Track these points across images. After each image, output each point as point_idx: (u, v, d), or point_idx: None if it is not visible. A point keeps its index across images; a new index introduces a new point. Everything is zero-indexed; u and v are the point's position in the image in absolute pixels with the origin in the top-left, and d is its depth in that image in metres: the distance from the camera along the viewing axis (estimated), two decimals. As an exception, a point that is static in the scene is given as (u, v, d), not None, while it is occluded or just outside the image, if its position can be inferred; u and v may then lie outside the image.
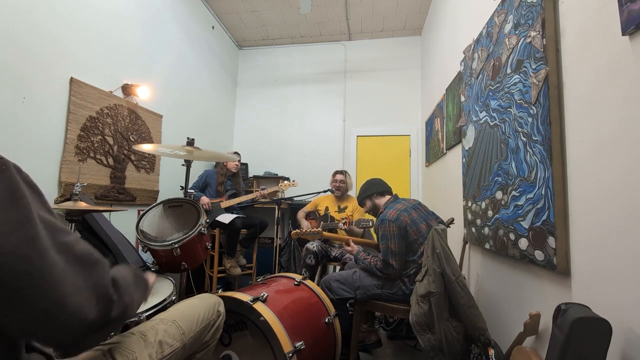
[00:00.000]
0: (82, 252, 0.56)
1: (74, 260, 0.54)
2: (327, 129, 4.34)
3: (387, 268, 1.70)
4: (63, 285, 0.51)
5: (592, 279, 1.00)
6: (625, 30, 0.87)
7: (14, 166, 0.51)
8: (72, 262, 0.54)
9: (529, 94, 1.30)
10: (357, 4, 3.69)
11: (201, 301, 1.04)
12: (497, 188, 1.59)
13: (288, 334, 1.30)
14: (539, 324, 1.22)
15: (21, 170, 0.52)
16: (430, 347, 1.44)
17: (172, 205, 1.81)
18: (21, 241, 0.48)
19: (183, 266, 1.64)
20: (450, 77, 2.62)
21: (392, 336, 2.39)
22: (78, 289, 0.53)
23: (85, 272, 0.55)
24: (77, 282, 0.53)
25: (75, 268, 0.54)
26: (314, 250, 2.50)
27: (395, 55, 4.28)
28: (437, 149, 3.08)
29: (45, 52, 1.94)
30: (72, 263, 0.54)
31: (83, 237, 2.04)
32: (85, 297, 0.53)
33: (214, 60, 4.03)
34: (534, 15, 1.29)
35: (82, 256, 0.56)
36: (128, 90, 2.56)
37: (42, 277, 0.49)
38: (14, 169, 0.51)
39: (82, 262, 0.55)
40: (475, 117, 1.92)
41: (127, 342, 0.75)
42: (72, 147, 2.10)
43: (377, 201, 1.99)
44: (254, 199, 3.02)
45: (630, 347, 0.86)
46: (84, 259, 0.56)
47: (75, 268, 0.54)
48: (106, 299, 0.57)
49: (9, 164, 0.50)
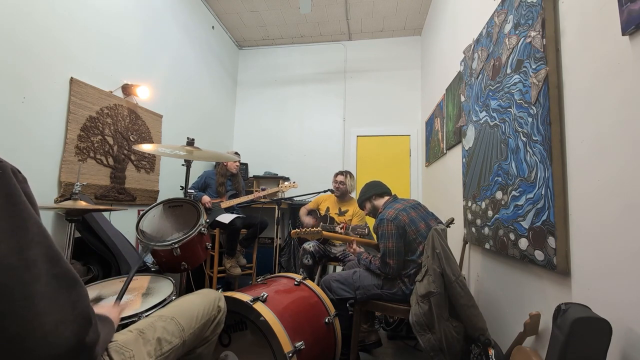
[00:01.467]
0: (66, 269, 0.54)
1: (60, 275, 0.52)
2: (327, 129, 4.34)
3: (384, 267, 1.71)
4: (44, 300, 0.48)
5: (592, 278, 1.00)
6: (625, 30, 0.87)
7: (11, 169, 0.50)
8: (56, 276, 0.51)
9: (529, 94, 1.30)
10: (357, 4, 3.69)
11: (201, 297, 1.04)
12: (497, 188, 1.59)
13: (288, 334, 1.30)
14: (539, 324, 1.22)
15: (18, 174, 0.51)
16: (430, 347, 1.44)
17: (172, 205, 1.81)
18: (11, 251, 0.46)
19: (183, 266, 1.64)
20: (450, 77, 2.62)
21: (392, 336, 2.39)
22: (58, 306, 0.50)
23: (67, 289, 0.53)
24: (58, 298, 0.51)
25: (58, 283, 0.51)
26: (310, 250, 2.50)
27: (395, 55, 4.28)
28: (437, 149, 3.08)
29: (45, 52, 1.94)
30: (57, 277, 0.51)
31: (83, 237, 2.04)
32: (64, 315, 0.50)
33: (214, 60, 4.03)
34: (534, 15, 1.29)
35: (65, 273, 0.53)
36: (128, 90, 2.56)
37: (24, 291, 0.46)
38: (12, 173, 0.49)
39: (65, 279, 0.53)
40: (475, 117, 1.92)
41: (124, 340, 0.74)
42: (72, 147, 2.10)
43: (376, 202, 1.99)
44: (253, 199, 3.02)
45: (630, 347, 0.86)
46: (66, 276, 0.54)
47: (58, 283, 0.51)
48: (85, 321, 0.54)
49: (6, 168, 0.49)
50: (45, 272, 0.49)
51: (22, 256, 0.47)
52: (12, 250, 0.46)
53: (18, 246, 0.47)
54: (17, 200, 0.48)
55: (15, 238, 0.47)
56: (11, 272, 0.45)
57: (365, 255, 1.88)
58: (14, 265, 0.46)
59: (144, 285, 1.45)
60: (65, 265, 0.54)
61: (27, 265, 0.47)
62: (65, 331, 0.50)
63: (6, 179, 0.48)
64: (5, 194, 0.47)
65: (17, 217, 0.48)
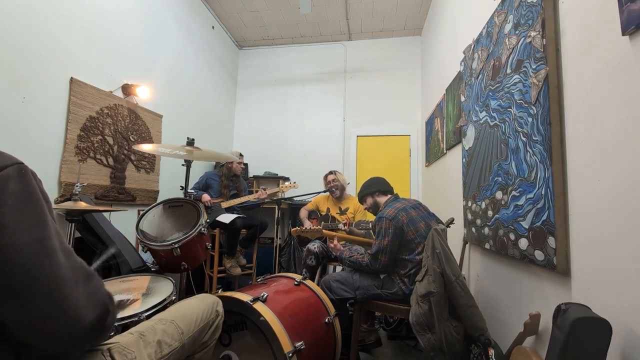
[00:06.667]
0: (80, 262, 0.59)
1: (76, 266, 0.57)
2: (327, 128, 4.34)
3: (374, 263, 1.73)
4: (65, 286, 0.53)
5: (592, 279, 1.00)
6: (625, 30, 0.87)
7: (31, 172, 0.55)
8: (73, 268, 0.56)
9: (529, 94, 1.30)
10: (357, 4, 3.69)
11: (200, 301, 1.04)
12: (497, 188, 1.59)
13: (288, 334, 1.30)
14: (539, 324, 1.22)
15: (36, 177, 0.56)
16: (430, 347, 1.44)
17: (172, 205, 1.81)
18: (34, 239, 0.51)
19: (183, 266, 1.64)
20: (450, 77, 2.62)
21: (392, 336, 2.39)
22: (79, 294, 0.55)
23: (84, 279, 0.58)
24: (77, 286, 0.55)
25: (76, 274, 0.56)
26: (315, 251, 2.49)
27: (395, 55, 4.28)
28: (437, 149, 3.08)
29: (45, 52, 1.94)
30: (74, 269, 0.56)
31: (83, 237, 2.04)
32: (84, 302, 0.56)
33: (214, 60, 4.03)
34: (534, 15, 1.29)
35: (80, 265, 0.59)
36: (128, 90, 2.56)
37: (46, 277, 0.51)
38: (32, 175, 0.55)
39: (81, 270, 0.58)
40: (475, 117, 1.92)
41: (126, 341, 0.75)
42: (72, 147, 2.10)
43: (378, 199, 2.00)
44: (258, 197, 3.00)
45: (630, 347, 0.86)
46: (82, 268, 0.59)
47: (76, 274, 0.56)
48: (103, 308, 0.59)
49: (27, 170, 0.54)
50: (64, 262, 0.54)
51: (44, 245, 0.52)
52: (35, 239, 0.51)
53: (40, 236, 0.52)
54: (37, 197, 0.54)
55: (37, 229, 0.52)
56: (36, 258, 0.50)
57: (347, 254, 1.91)
58: (37, 252, 0.51)
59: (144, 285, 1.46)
60: (78, 259, 0.59)
61: (49, 254, 0.52)
62: (86, 317, 0.55)
63: (28, 178, 0.53)
64: (28, 190, 0.53)
65: (38, 212, 0.53)
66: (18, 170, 0.52)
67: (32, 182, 0.54)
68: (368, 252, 1.81)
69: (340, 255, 1.95)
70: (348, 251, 1.96)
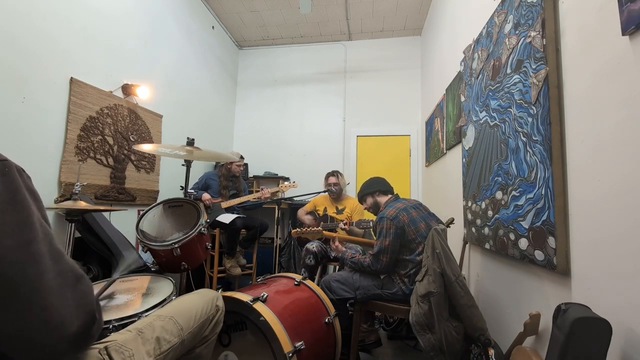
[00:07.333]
0: (71, 265, 0.56)
1: (64, 271, 0.54)
2: (327, 128, 4.34)
3: (376, 263, 1.73)
4: (49, 295, 0.50)
5: (592, 279, 1.00)
6: (625, 30, 0.87)
7: (16, 168, 0.51)
8: (61, 272, 0.53)
9: (529, 94, 1.30)
10: (357, 4, 3.69)
11: (199, 296, 1.04)
12: (497, 188, 1.59)
13: (288, 334, 1.30)
14: (539, 324, 1.22)
15: (23, 173, 0.52)
16: (430, 347, 1.44)
17: (172, 205, 1.81)
18: (16, 245, 0.47)
19: (183, 266, 1.64)
20: (450, 77, 2.62)
21: (392, 336, 2.39)
22: (64, 302, 0.52)
23: (73, 284, 0.55)
24: (64, 292, 0.52)
25: (63, 279, 0.53)
26: (313, 250, 2.49)
27: (395, 55, 4.27)
28: (437, 149, 3.08)
29: (45, 52, 1.94)
30: (61, 274, 0.53)
31: (83, 237, 2.04)
32: (69, 310, 0.52)
33: (214, 60, 4.03)
34: (534, 15, 1.29)
35: (70, 268, 0.55)
36: (128, 90, 2.56)
37: (28, 285, 0.47)
38: (17, 172, 0.50)
39: (70, 273, 0.55)
40: (475, 117, 1.92)
41: (123, 339, 0.74)
42: (72, 147, 2.10)
43: (379, 199, 2.00)
44: (261, 197, 3.00)
45: (630, 347, 0.86)
46: (71, 271, 0.55)
47: (63, 279, 0.53)
48: (90, 315, 0.56)
49: (11, 167, 0.50)
50: (50, 268, 0.51)
51: (28, 250, 0.48)
52: (18, 245, 0.47)
53: (24, 241, 0.48)
54: (22, 197, 0.50)
55: (21, 233, 0.48)
56: (17, 265, 0.46)
57: (349, 255, 1.91)
58: (19, 259, 0.47)
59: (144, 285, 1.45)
60: (68, 262, 0.55)
61: (34, 260, 0.48)
62: (70, 327, 0.52)
63: (12, 177, 0.49)
64: (11, 190, 0.48)
65: (22, 213, 0.49)
66: (1, 168, 0.48)
67: (17, 180, 0.50)
68: (369, 253, 1.80)
69: (342, 256, 1.95)
70: (350, 251, 1.96)
